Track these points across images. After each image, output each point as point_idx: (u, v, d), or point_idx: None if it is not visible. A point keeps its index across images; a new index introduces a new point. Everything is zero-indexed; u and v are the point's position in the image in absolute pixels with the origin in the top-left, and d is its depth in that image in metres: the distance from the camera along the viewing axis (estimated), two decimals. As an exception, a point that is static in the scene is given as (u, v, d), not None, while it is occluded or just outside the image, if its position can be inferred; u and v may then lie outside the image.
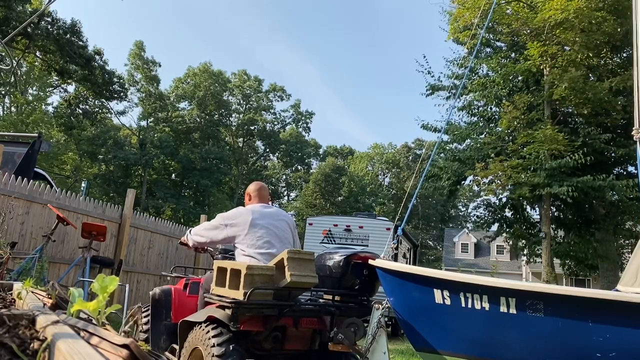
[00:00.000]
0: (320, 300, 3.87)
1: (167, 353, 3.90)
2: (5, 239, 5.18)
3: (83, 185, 21.30)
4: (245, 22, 78.99)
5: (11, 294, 1.58)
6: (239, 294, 3.16)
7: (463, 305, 3.26)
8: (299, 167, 51.24)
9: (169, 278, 4.97)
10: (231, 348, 3.13)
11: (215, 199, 39.74)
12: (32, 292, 1.52)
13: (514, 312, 3.09)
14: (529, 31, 13.59)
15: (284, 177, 52.48)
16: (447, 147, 16.35)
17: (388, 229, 12.72)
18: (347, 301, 3.84)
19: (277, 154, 49.17)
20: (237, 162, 45.01)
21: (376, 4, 79.38)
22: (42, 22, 21.32)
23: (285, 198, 53.78)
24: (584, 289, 3.21)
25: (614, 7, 12.71)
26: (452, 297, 3.30)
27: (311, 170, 49.84)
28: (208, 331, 3.24)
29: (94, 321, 1.09)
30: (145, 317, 4.18)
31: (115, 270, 7.20)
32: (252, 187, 4.07)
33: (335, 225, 12.89)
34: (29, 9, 21.15)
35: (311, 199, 43.89)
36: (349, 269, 3.85)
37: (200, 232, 3.90)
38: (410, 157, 49.77)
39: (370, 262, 3.82)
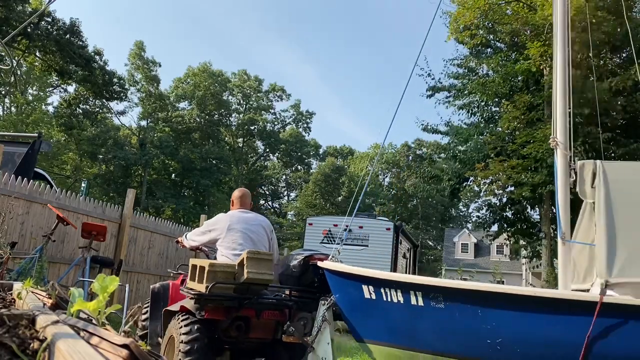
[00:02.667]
0: (283, 295, 4.27)
1: (160, 338, 4.28)
2: (5, 239, 5.18)
3: (83, 185, 21.28)
4: (245, 23, 79.00)
5: (11, 294, 1.58)
6: (202, 287, 3.65)
7: (384, 299, 3.62)
8: (299, 167, 51.23)
9: (172, 274, 5.32)
10: (196, 335, 3.58)
11: (215, 199, 39.72)
12: (32, 292, 1.52)
13: (422, 304, 3.46)
14: (529, 32, 13.60)
15: (284, 177, 52.47)
16: (449, 149, 16.35)
17: (388, 229, 12.72)
18: (305, 297, 4.18)
19: (277, 154, 49.16)
20: (237, 162, 44.99)
21: (376, 4, 79.38)
22: (42, 23, 21.31)
23: (286, 198, 53.78)
24: (474, 282, 3.63)
25: (614, 7, 12.72)
26: (376, 292, 3.68)
27: (311, 170, 49.83)
28: (180, 320, 3.71)
29: (94, 321, 1.09)
30: (145, 309, 4.59)
31: (115, 270, 7.20)
32: (236, 194, 4.66)
33: (335, 225, 12.88)
34: (29, 9, 21.15)
35: (311, 199, 43.87)
36: (307, 268, 4.23)
37: (192, 237, 4.52)
38: (410, 157, 49.76)
39: (319, 263, 4.13)
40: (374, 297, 3.67)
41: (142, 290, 8.92)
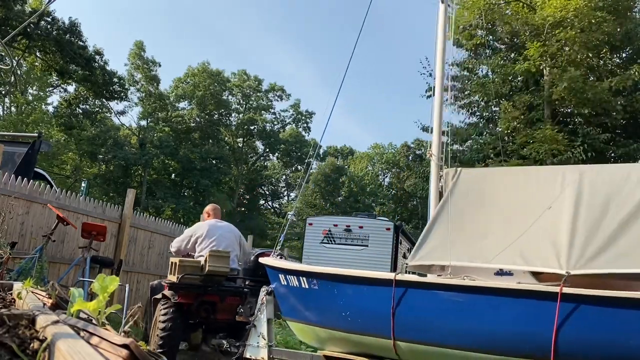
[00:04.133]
0: (244, 284, 5.42)
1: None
2: (5, 239, 5.19)
3: (83, 185, 21.28)
4: (245, 23, 78.97)
5: (11, 294, 1.58)
6: (175, 278, 4.85)
7: (291, 284, 4.37)
8: (299, 167, 51.18)
9: None
10: (171, 316, 4.67)
11: (215, 199, 39.69)
12: (32, 292, 1.52)
13: (307, 286, 4.21)
14: (528, 32, 13.59)
15: (284, 177, 52.43)
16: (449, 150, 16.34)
17: (388, 229, 12.71)
18: (258, 285, 5.05)
19: (277, 154, 49.11)
20: (237, 162, 44.96)
21: (376, 4, 79.22)
22: (42, 22, 21.30)
23: (285, 198, 53.75)
24: (330, 268, 4.51)
25: (614, 7, 12.72)
26: (286, 279, 4.44)
27: (311, 170, 49.77)
28: (160, 304, 4.83)
29: (94, 321, 1.09)
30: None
31: (115, 270, 7.19)
32: (210, 208, 6.00)
33: (335, 225, 12.87)
34: (28, 9, 21.13)
35: (311, 199, 43.85)
36: (259, 263, 5.08)
37: (176, 245, 5.61)
38: (410, 157, 49.70)
39: (260, 259, 5.00)
40: (285, 283, 4.46)
41: (142, 290, 8.92)
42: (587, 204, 3.69)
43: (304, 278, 4.23)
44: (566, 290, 3.09)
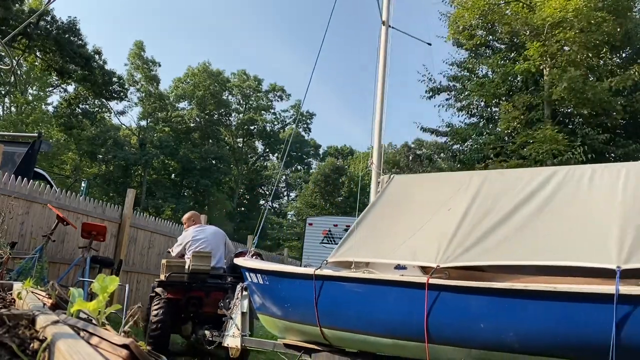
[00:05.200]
0: (226, 280, 6.02)
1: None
2: (5, 239, 5.18)
3: (83, 185, 21.27)
4: (245, 23, 78.94)
5: (11, 294, 1.58)
6: (163, 277, 5.64)
7: (254, 281, 4.82)
8: (299, 167, 51.17)
9: None
10: (162, 310, 5.35)
11: (215, 199, 39.67)
12: (32, 292, 1.52)
13: (262, 282, 4.71)
14: (528, 32, 13.59)
15: (284, 177, 52.42)
16: (447, 148, 16.33)
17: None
18: (238, 281, 5.46)
19: (276, 154, 49.11)
20: (237, 162, 44.96)
21: (375, 4, 79.17)
22: (42, 22, 21.30)
23: (285, 198, 53.73)
24: (274, 264, 5.10)
25: (614, 7, 12.71)
26: (251, 277, 4.88)
27: (311, 170, 49.76)
28: (153, 300, 5.56)
29: (94, 321, 1.09)
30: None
31: (115, 270, 7.19)
32: (191, 216, 6.75)
33: (335, 226, 12.88)
34: (27, 9, 21.12)
35: (311, 199, 43.81)
36: None
37: (174, 249, 6.40)
38: (410, 157, 49.65)
39: (235, 260, 5.42)
40: (251, 280, 4.91)
41: (142, 290, 8.92)
42: (477, 206, 4.14)
43: (259, 275, 4.74)
44: (432, 280, 3.59)
